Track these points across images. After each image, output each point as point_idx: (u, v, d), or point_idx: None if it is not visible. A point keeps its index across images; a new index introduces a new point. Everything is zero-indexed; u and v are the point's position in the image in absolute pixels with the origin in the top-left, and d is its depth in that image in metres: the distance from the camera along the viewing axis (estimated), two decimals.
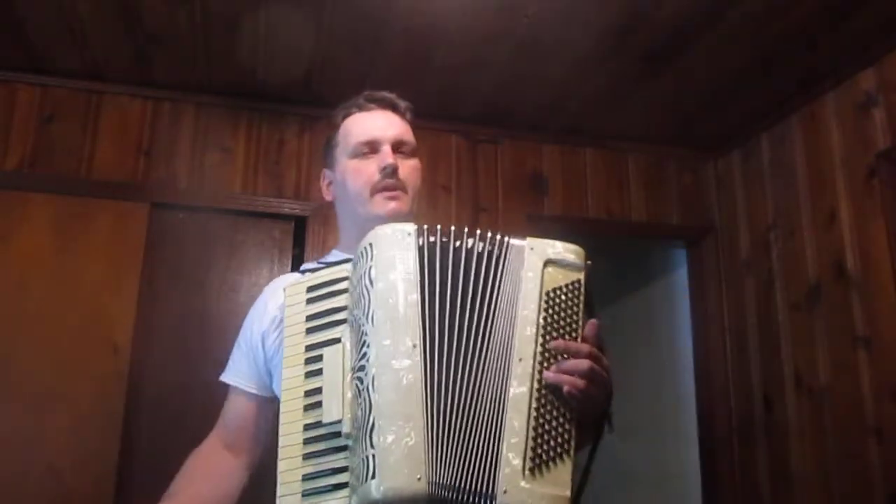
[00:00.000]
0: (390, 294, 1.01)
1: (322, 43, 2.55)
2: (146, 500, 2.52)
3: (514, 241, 1.10)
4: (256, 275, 2.86)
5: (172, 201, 2.83)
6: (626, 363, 3.54)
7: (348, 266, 1.11)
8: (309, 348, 1.07)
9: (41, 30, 2.50)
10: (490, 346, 1.03)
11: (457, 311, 1.03)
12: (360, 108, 1.35)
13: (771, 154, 3.05)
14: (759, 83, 2.77)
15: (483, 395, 1.00)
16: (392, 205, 1.26)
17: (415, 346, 0.99)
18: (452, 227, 1.08)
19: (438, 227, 1.07)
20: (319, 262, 1.29)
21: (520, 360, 1.03)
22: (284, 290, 1.14)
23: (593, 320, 1.10)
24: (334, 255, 1.36)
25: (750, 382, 3.05)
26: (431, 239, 1.06)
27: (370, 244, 1.04)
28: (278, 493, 0.99)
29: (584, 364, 1.04)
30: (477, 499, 0.95)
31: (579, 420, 1.03)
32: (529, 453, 0.98)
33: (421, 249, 1.05)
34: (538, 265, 1.09)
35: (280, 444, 1.03)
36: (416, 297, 1.02)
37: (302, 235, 2.91)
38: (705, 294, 3.31)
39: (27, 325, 2.57)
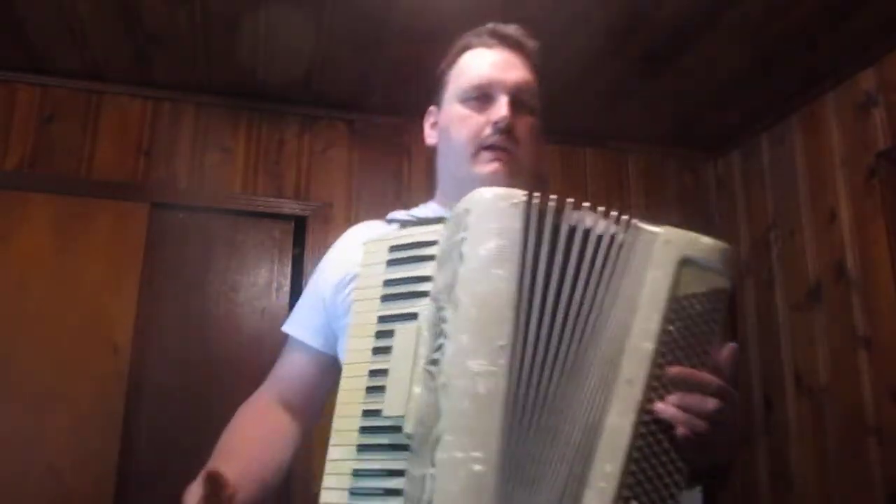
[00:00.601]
0: (482, 276, 0.82)
1: (322, 43, 2.55)
2: (146, 499, 2.52)
3: (645, 227, 0.89)
4: (256, 275, 2.86)
5: (172, 201, 2.83)
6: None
7: (440, 228, 0.91)
8: (382, 319, 0.89)
9: (41, 30, 2.50)
10: (593, 359, 0.83)
11: (560, 308, 0.83)
12: (483, 44, 1.17)
13: (771, 154, 3.05)
14: (759, 83, 2.77)
15: (574, 422, 0.81)
16: (494, 166, 1.07)
17: (502, 346, 0.80)
18: (570, 199, 0.88)
19: (554, 197, 0.87)
20: (411, 214, 1.13)
21: (628, 381, 0.81)
22: (365, 244, 0.95)
23: (733, 344, 0.89)
24: (430, 209, 1.18)
25: (750, 382, 3.05)
26: (542, 212, 0.87)
27: (466, 210, 0.86)
28: (324, 481, 0.85)
29: (710, 403, 0.82)
30: None
31: (689, 472, 0.82)
32: (618, 499, 0.78)
33: (527, 224, 0.85)
34: (671, 262, 0.88)
35: (334, 426, 0.87)
36: (513, 285, 0.82)
37: (302, 235, 2.91)
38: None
39: (27, 325, 2.57)
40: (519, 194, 0.87)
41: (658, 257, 0.87)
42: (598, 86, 2.85)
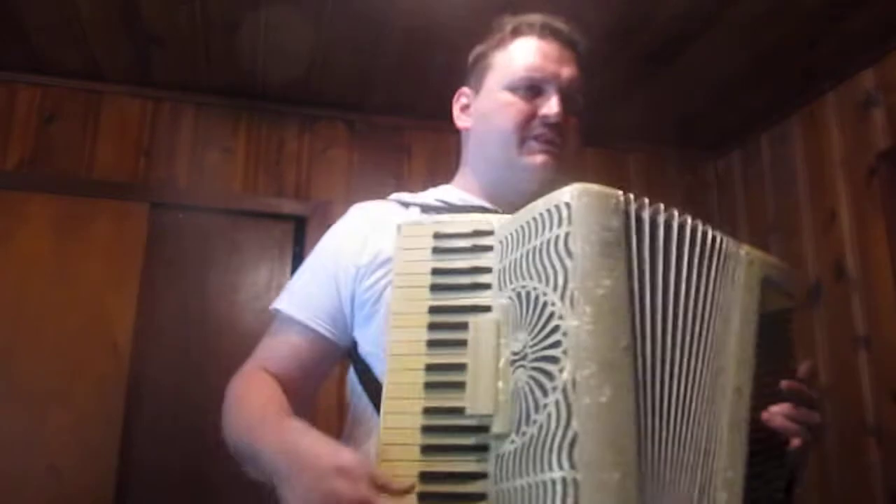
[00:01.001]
0: (593, 273, 0.78)
1: (322, 43, 2.55)
2: (146, 499, 2.53)
3: (731, 244, 0.92)
4: (256, 275, 2.86)
5: (172, 201, 2.83)
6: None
7: (491, 218, 0.90)
8: (436, 311, 0.84)
9: (41, 30, 2.50)
10: (698, 366, 0.84)
11: (668, 312, 0.83)
12: (537, 35, 1.12)
13: (771, 154, 3.05)
14: (759, 83, 2.77)
15: (693, 426, 0.81)
16: (544, 158, 1.05)
17: (625, 347, 0.77)
18: (662, 205, 0.88)
19: (646, 200, 0.87)
20: (439, 201, 1.10)
21: (737, 389, 0.84)
22: (400, 227, 0.90)
23: (810, 361, 0.94)
24: (452, 194, 1.13)
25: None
26: (642, 214, 0.86)
27: (566, 204, 0.82)
28: None
29: (815, 417, 0.89)
30: None
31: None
32: (751, 498, 0.81)
33: (628, 224, 0.84)
34: (757, 282, 0.91)
35: (385, 424, 0.81)
36: (624, 284, 0.80)
37: (302, 235, 2.91)
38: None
39: (27, 325, 2.57)
40: (617, 193, 0.86)
41: (745, 275, 0.90)
42: (598, 86, 2.84)
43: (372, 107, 3.02)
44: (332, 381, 1.18)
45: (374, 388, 0.97)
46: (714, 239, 0.90)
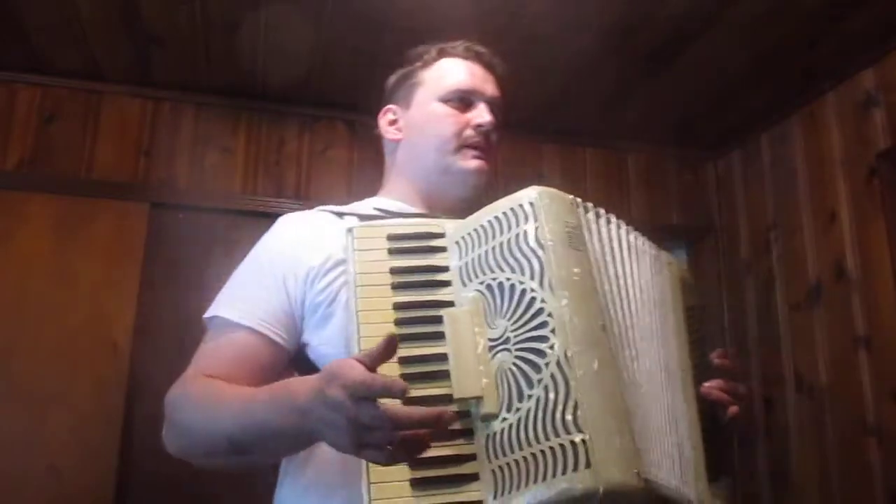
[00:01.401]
0: (565, 262, 0.86)
1: (322, 43, 2.55)
2: (146, 499, 2.52)
3: (652, 245, 1.05)
4: None
5: (172, 201, 2.83)
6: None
7: (441, 221, 0.97)
8: (401, 307, 0.88)
9: (41, 30, 2.50)
10: (656, 347, 0.96)
11: (624, 299, 0.94)
12: (461, 55, 1.23)
13: (771, 154, 3.05)
14: (759, 83, 2.77)
15: (659, 398, 0.93)
16: (479, 163, 1.15)
17: (602, 326, 0.86)
18: (602, 210, 1.00)
19: (591, 204, 0.98)
20: (377, 209, 1.15)
21: (684, 369, 0.98)
22: (351, 230, 0.94)
23: (725, 349, 1.09)
24: (386, 203, 1.19)
25: (750, 382, 3.05)
26: (589, 215, 0.96)
27: (530, 203, 0.90)
28: (368, 478, 0.79)
29: (743, 388, 1.05)
30: None
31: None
32: (705, 464, 0.94)
33: (582, 223, 0.94)
34: (677, 280, 1.05)
35: None
36: (589, 272, 0.88)
37: None
38: (705, 294, 3.30)
39: (27, 325, 2.57)
40: (570, 196, 0.95)
41: (669, 274, 1.03)
42: (598, 86, 2.85)
43: (372, 107, 3.01)
44: None
45: None
46: (641, 240, 1.03)
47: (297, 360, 1.07)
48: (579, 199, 0.96)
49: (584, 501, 0.74)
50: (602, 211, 0.99)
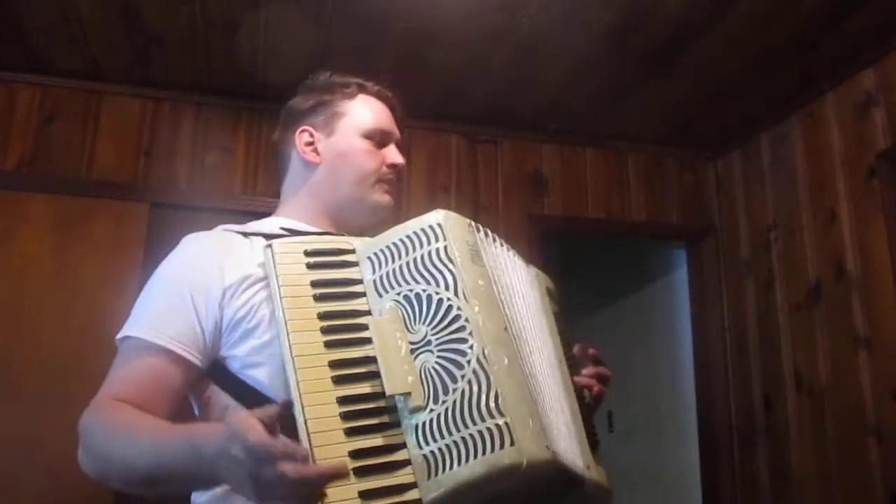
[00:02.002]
0: (471, 276, 1.00)
1: (322, 43, 2.55)
2: (146, 500, 2.52)
3: (521, 259, 1.22)
4: None
5: (172, 201, 2.83)
6: (626, 363, 3.55)
7: (348, 239, 1.09)
8: (325, 316, 0.98)
9: (41, 30, 2.50)
10: (540, 345, 1.12)
11: (515, 305, 1.09)
12: (377, 96, 1.36)
13: (771, 154, 3.05)
14: (759, 83, 2.77)
15: (551, 387, 1.09)
16: (389, 198, 1.29)
17: (506, 328, 1.01)
18: (488, 230, 1.14)
19: (480, 226, 1.12)
20: (283, 229, 1.20)
21: (560, 362, 1.16)
22: (270, 247, 1.03)
23: (582, 345, 1.28)
24: (291, 223, 1.25)
25: (750, 382, 3.05)
26: (481, 235, 1.11)
27: (438, 224, 1.02)
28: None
29: (608, 372, 1.26)
30: (578, 475, 1.03)
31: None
32: (588, 440, 1.11)
33: (479, 241, 1.08)
34: (544, 290, 1.24)
35: (307, 415, 0.91)
36: (489, 283, 1.03)
37: None
38: (705, 294, 3.31)
39: (27, 325, 2.57)
40: (466, 219, 1.08)
41: (538, 284, 1.24)
42: (598, 86, 2.85)
43: None
44: None
45: (255, 400, 1.01)
46: (517, 256, 1.19)
47: (217, 374, 1.11)
48: (473, 222, 1.09)
49: (509, 473, 0.87)
50: (489, 231, 1.13)
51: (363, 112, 1.32)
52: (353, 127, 1.30)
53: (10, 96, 2.78)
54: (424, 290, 0.99)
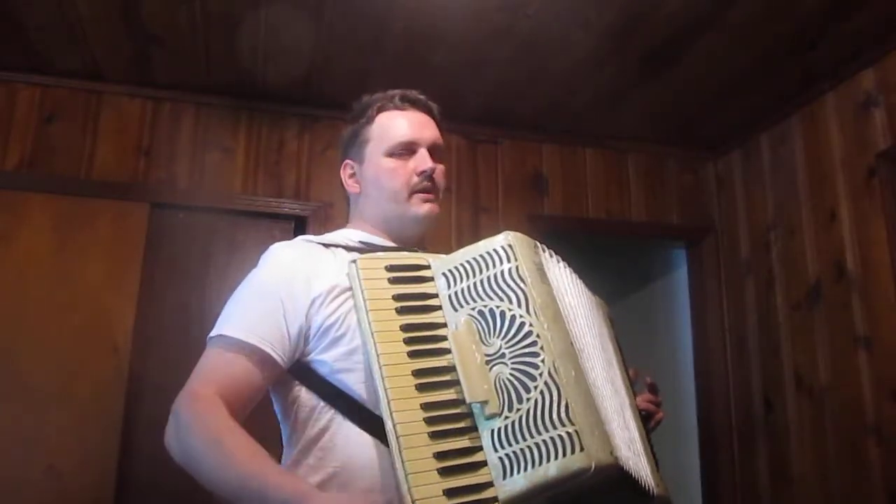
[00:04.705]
0: (540, 294, 1.08)
1: (322, 43, 2.55)
2: (146, 500, 2.52)
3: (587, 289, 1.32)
4: None
5: (172, 201, 2.83)
6: (626, 363, 3.54)
7: (423, 255, 1.18)
8: (408, 328, 1.07)
9: (41, 30, 2.50)
10: (602, 362, 1.20)
11: (578, 323, 1.17)
12: (397, 107, 1.37)
13: (771, 154, 3.05)
14: (759, 83, 2.77)
15: (612, 398, 1.16)
16: (428, 206, 1.32)
17: (571, 343, 1.08)
18: (552, 251, 1.22)
19: (545, 246, 1.20)
20: (361, 242, 1.31)
21: (624, 385, 1.26)
22: (355, 262, 1.11)
23: (635, 368, 1.39)
24: (362, 236, 1.33)
25: (750, 382, 3.05)
26: (546, 254, 1.19)
27: (510, 245, 1.10)
28: (406, 469, 0.97)
29: (660, 401, 1.37)
30: (647, 488, 1.11)
31: None
32: (652, 457, 1.21)
33: (544, 261, 1.16)
34: (606, 317, 1.36)
35: (396, 420, 1.00)
36: (555, 301, 1.11)
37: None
38: (705, 294, 3.31)
39: (27, 325, 2.57)
40: (533, 240, 1.16)
41: (601, 312, 1.34)
42: (598, 86, 2.85)
43: None
44: None
45: (342, 401, 1.14)
46: (574, 275, 1.26)
47: (305, 377, 1.19)
48: (538, 243, 1.17)
49: (577, 476, 0.94)
50: (553, 252, 1.21)
51: (381, 132, 1.34)
52: (377, 150, 1.34)
53: (10, 96, 2.78)
54: (498, 307, 1.07)
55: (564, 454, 0.95)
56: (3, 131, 2.74)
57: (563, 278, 1.20)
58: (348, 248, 1.27)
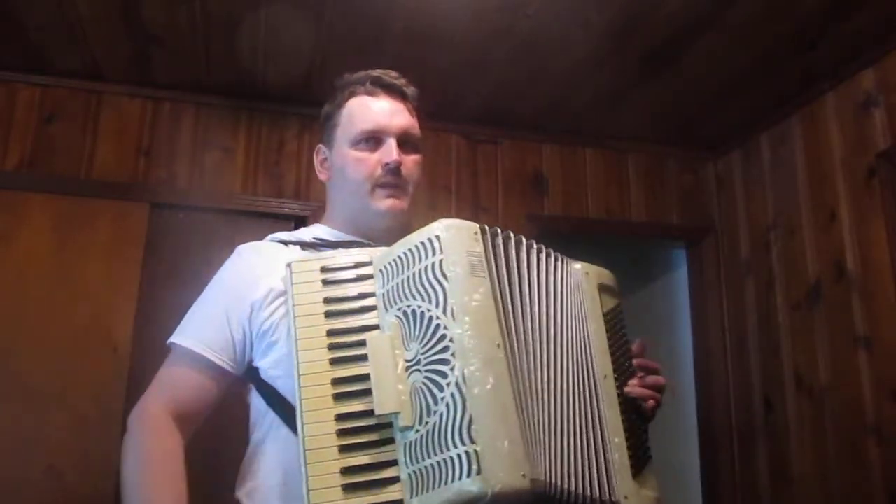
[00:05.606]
0: (466, 290, 0.97)
1: (322, 43, 2.55)
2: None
3: (572, 263, 1.17)
4: None
5: (172, 201, 2.83)
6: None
7: (367, 251, 1.10)
8: (333, 333, 1.01)
9: (41, 30, 2.50)
10: (566, 357, 1.07)
11: (528, 317, 1.05)
12: (367, 92, 1.29)
13: (771, 154, 3.05)
14: (759, 83, 2.77)
15: (565, 403, 1.03)
16: (391, 202, 1.22)
17: (499, 345, 0.97)
18: (511, 233, 1.09)
19: (499, 230, 1.07)
20: (315, 238, 1.25)
21: (605, 375, 1.11)
22: (290, 265, 1.06)
23: (641, 339, 1.21)
24: (326, 232, 1.29)
25: (750, 382, 3.05)
26: (496, 241, 1.06)
27: (436, 237, 1.00)
28: (308, 485, 0.92)
29: (661, 381, 1.18)
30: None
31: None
32: (631, 460, 1.05)
33: (487, 250, 1.03)
34: (595, 289, 1.18)
35: (305, 433, 0.95)
36: (489, 296, 0.99)
37: None
38: (705, 294, 3.31)
39: (27, 325, 2.57)
40: (476, 225, 1.04)
41: (587, 285, 1.16)
42: (598, 86, 2.85)
43: None
44: None
45: (282, 406, 1.11)
46: (557, 258, 1.14)
47: (253, 379, 1.18)
48: (487, 227, 1.05)
49: (478, 501, 0.86)
50: (511, 234, 1.08)
51: (348, 118, 1.28)
52: (343, 138, 1.27)
53: (10, 96, 2.78)
54: (420, 307, 0.98)
55: (460, 476, 0.87)
56: (3, 131, 2.74)
57: (520, 264, 1.08)
58: (303, 246, 1.22)
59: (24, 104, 2.79)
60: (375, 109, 1.26)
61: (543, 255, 1.12)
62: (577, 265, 1.18)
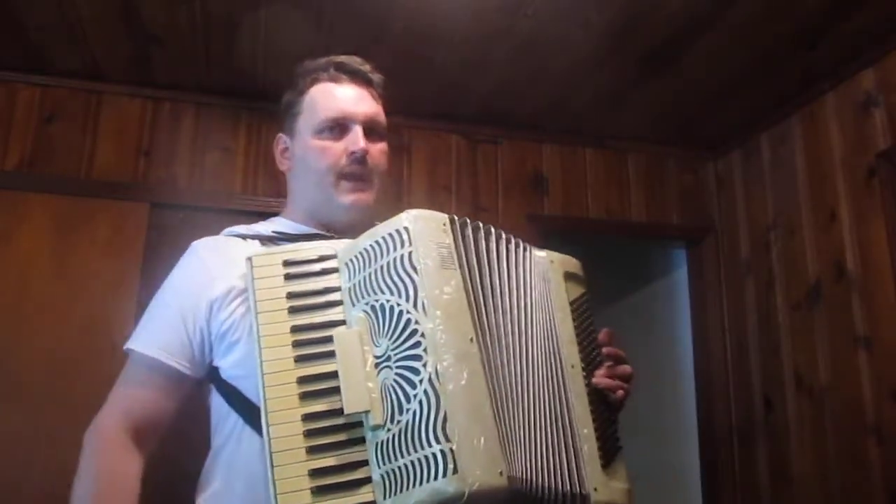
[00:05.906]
0: (437, 283, 0.94)
1: (322, 43, 2.55)
2: (146, 499, 2.51)
3: (537, 251, 1.14)
4: None
5: (172, 201, 2.83)
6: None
7: (331, 243, 1.05)
8: (297, 329, 0.97)
9: (41, 30, 2.50)
10: (535, 347, 1.04)
11: (500, 308, 1.02)
12: (331, 79, 1.23)
13: (771, 154, 3.05)
14: (759, 83, 2.77)
15: (538, 396, 1.01)
16: (356, 196, 1.17)
17: (472, 339, 0.94)
18: (480, 223, 1.06)
19: (467, 220, 1.03)
20: (275, 232, 1.20)
21: (572, 366, 1.08)
22: (250, 259, 1.02)
23: (608, 329, 1.17)
24: (286, 225, 1.24)
25: (750, 382, 3.05)
26: (466, 232, 1.03)
27: (405, 228, 0.97)
28: (275, 489, 0.89)
29: (629, 370, 1.14)
30: (568, 498, 0.96)
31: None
32: (600, 452, 1.03)
33: (457, 241, 1.00)
34: (560, 276, 1.15)
35: (271, 434, 0.91)
36: (461, 289, 0.96)
37: None
38: (705, 294, 3.31)
39: (27, 325, 2.57)
40: (446, 216, 1.01)
41: (553, 273, 1.13)
42: (598, 86, 2.85)
43: None
44: None
45: (244, 407, 1.06)
46: (524, 247, 1.11)
47: (214, 380, 1.14)
48: (455, 217, 1.02)
49: (454, 501, 0.83)
50: (480, 224, 1.06)
51: (312, 105, 1.22)
52: (305, 127, 1.21)
53: (10, 96, 2.78)
54: (388, 301, 0.94)
55: (437, 476, 0.84)
56: (3, 131, 2.74)
57: (490, 255, 1.05)
58: (263, 241, 1.16)
59: (24, 104, 2.79)
60: (340, 96, 1.21)
61: (512, 246, 1.09)
62: (542, 253, 1.15)
